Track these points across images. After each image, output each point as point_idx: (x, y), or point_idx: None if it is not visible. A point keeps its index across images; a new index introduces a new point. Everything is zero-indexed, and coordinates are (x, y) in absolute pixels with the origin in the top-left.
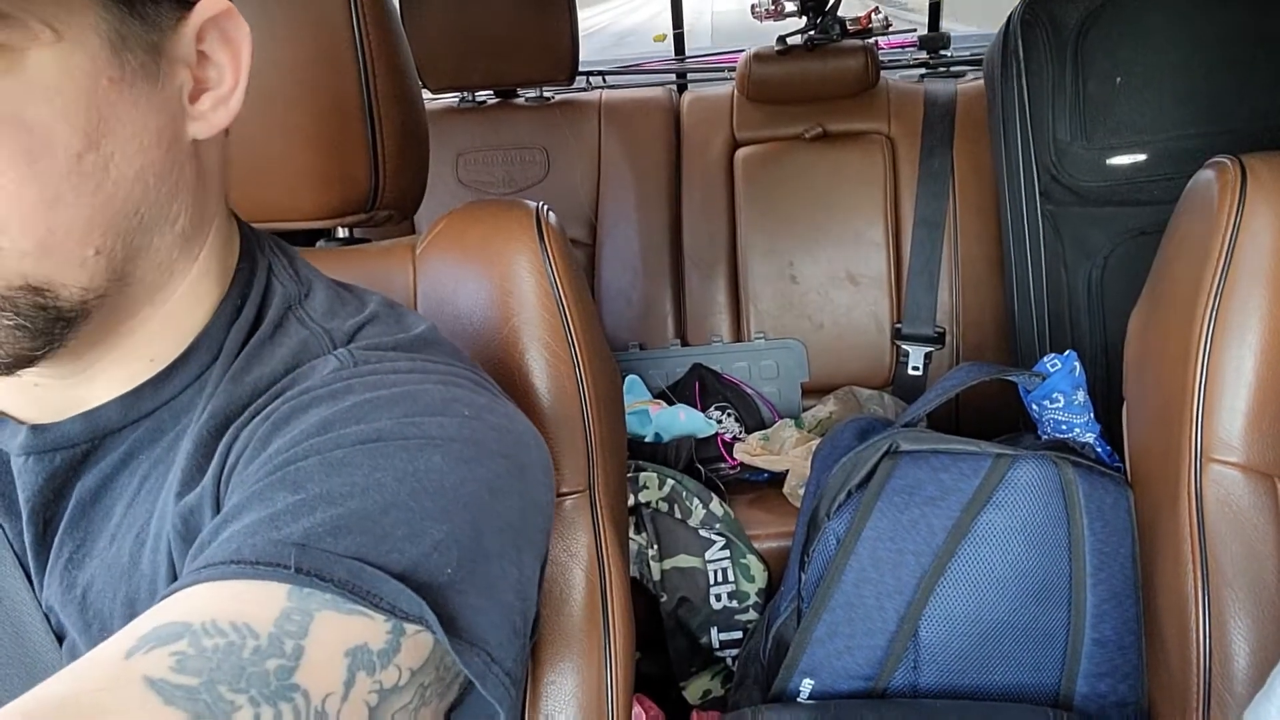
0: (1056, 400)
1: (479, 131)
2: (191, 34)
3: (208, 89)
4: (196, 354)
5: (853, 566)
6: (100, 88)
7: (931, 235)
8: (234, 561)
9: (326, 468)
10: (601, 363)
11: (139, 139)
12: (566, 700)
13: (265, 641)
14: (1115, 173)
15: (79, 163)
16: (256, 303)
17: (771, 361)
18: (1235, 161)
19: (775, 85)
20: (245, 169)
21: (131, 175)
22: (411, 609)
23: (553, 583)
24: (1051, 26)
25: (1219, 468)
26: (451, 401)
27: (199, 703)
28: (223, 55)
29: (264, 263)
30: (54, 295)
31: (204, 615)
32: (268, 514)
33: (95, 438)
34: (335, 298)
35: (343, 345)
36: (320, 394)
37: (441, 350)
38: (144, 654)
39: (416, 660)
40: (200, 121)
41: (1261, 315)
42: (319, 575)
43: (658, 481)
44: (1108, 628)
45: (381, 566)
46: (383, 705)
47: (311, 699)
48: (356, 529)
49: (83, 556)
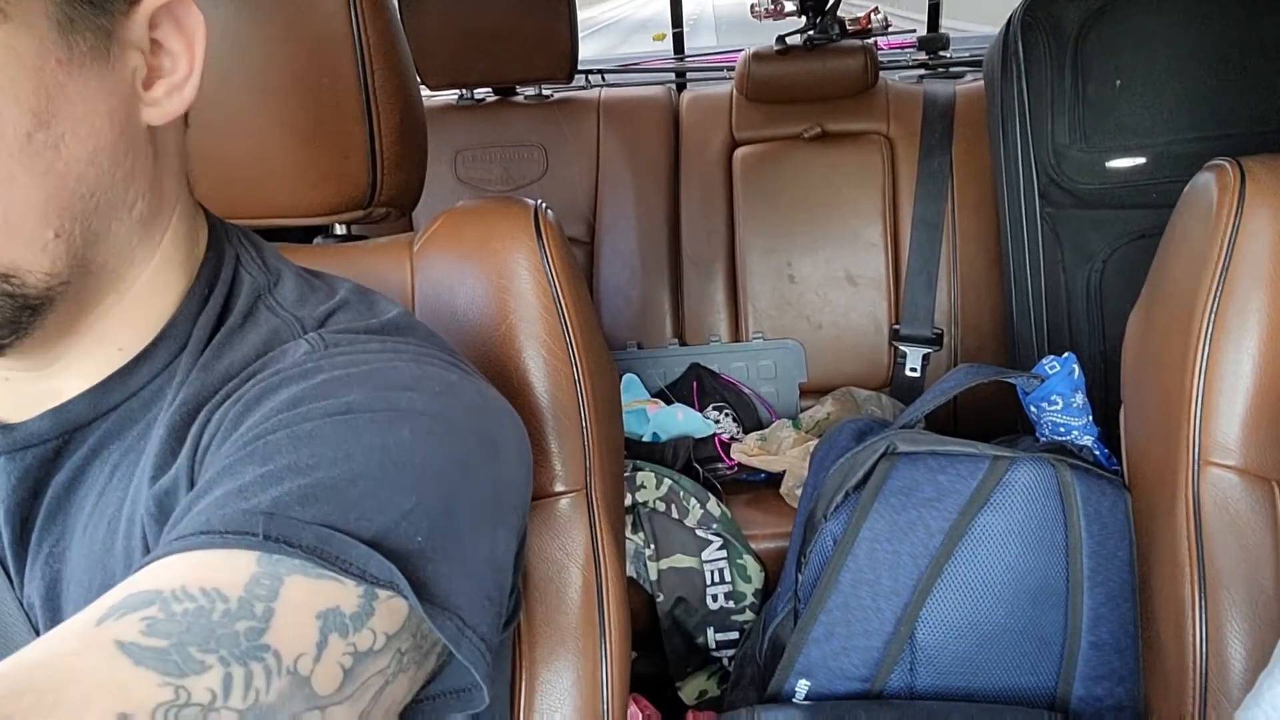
0: (1055, 402)
1: (477, 129)
2: (144, 20)
3: (161, 76)
4: (164, 343)
5: (850, 567)
6: (48, 68)
7: (930, 236)
8: (203, 532)
9: (295, 440)
10: (599, 361)
11: (89, 120)
12: (562, 699)
13: (235, 605)
14: (1114, 175)
15: (29, 142)
16: (224, 292)
17: (769, 362)
18: (1234, 164)
19: (774, 85)
20: (243, 166)
21: (84, 157)
22: (381, 573)
23: (549, 581)
24: (1051, 29)
25: (1216, 471)
26: (422, 378)
27: (169, 663)
28: (176, 42)
29: (231, 253)
30: (19, 282)
31: (174, 583)
32: (236, 486)
33: (65, 433)
34: (305, 285)
35: (313, 330)
36: (291, 374)
37: (415, 334)
38: (115, 620)
39: (392, 625)
40: (154, 108)
41: (1260, 318)
42: (287, 542)
43: (655, 481)
44: (1104, 630)
45: (350, 533)
46: (358, 668)
47: (283, 659)
48: (324, 498)
49: (61, 550)
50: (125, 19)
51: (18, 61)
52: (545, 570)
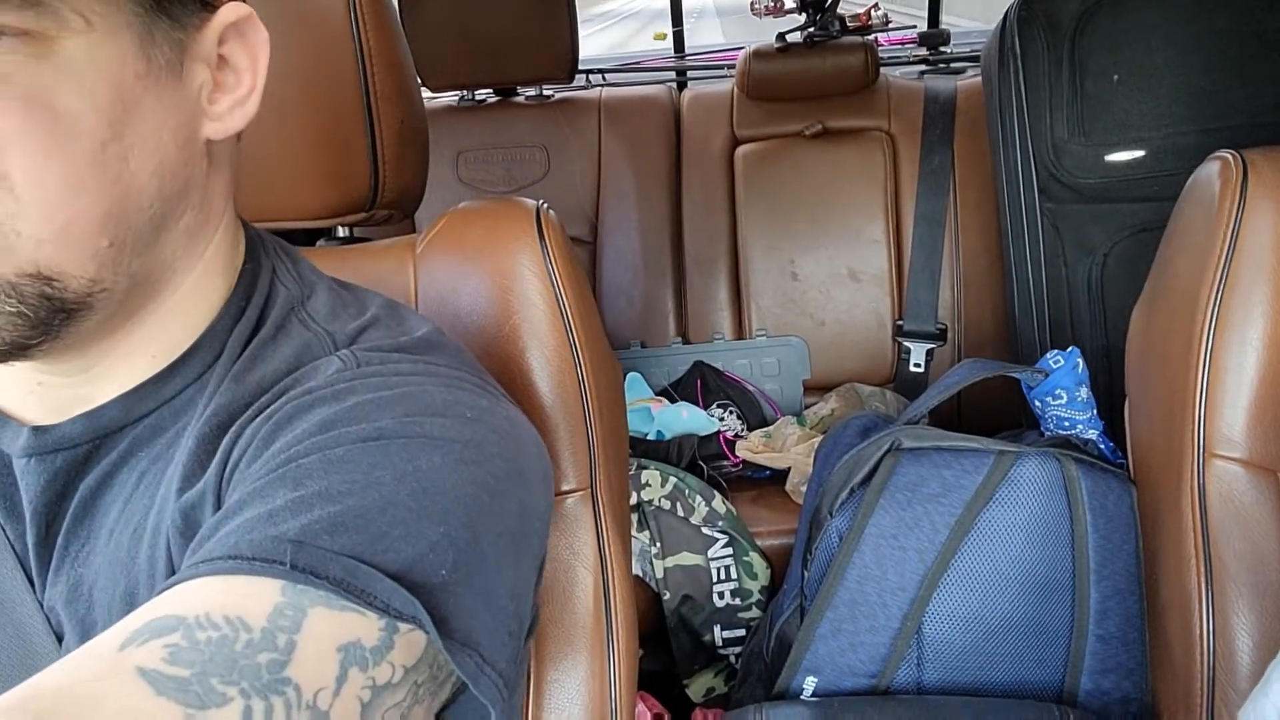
0: (1059, 397)
1: (479, 130)
2: (214, 36)
3: (225, 91)
4: (199, 353)
5: (855, 564)
6: (127, 80)
7: (932, 232)
8: (230, 557)
9: (326, 465)
10: (603, 361)
11: (158, 134)
12: (570, 698)
13: (258, 635)
14: (1114, 169)
15: (103, 152)
16: (260, 304)
17: (773, 359)
18: (1236, 156)
19: (775, 82)
20: (245, 169)
21: (150, 169)
22: (405, 608)
23: (555, 581)
24: (1048, 24)
25: (1221, 463)
26: (453, 404)
27: (190, 694)
28: (242, 59)
29: (268, 265)
30: (62, 286)
31: (198, 609)
32: (266, 510)
33: (96, 438)
34: (337, 300)
35: (345, 347)
36: (323, 394)
37: (445, 353)
38: (137, 646)
39: (410, 658)
40: (217, 123)
41: (1264, 310)
42: (314, 572)
43: (660, 479)
44: (1111, 624)
45: (377, 565)
46: (375, 701)
47: (303, 693)
48: (353, 527)
49: (87, 555)
50: (198, 34)
51: (99, 72)
52: (552, 569)
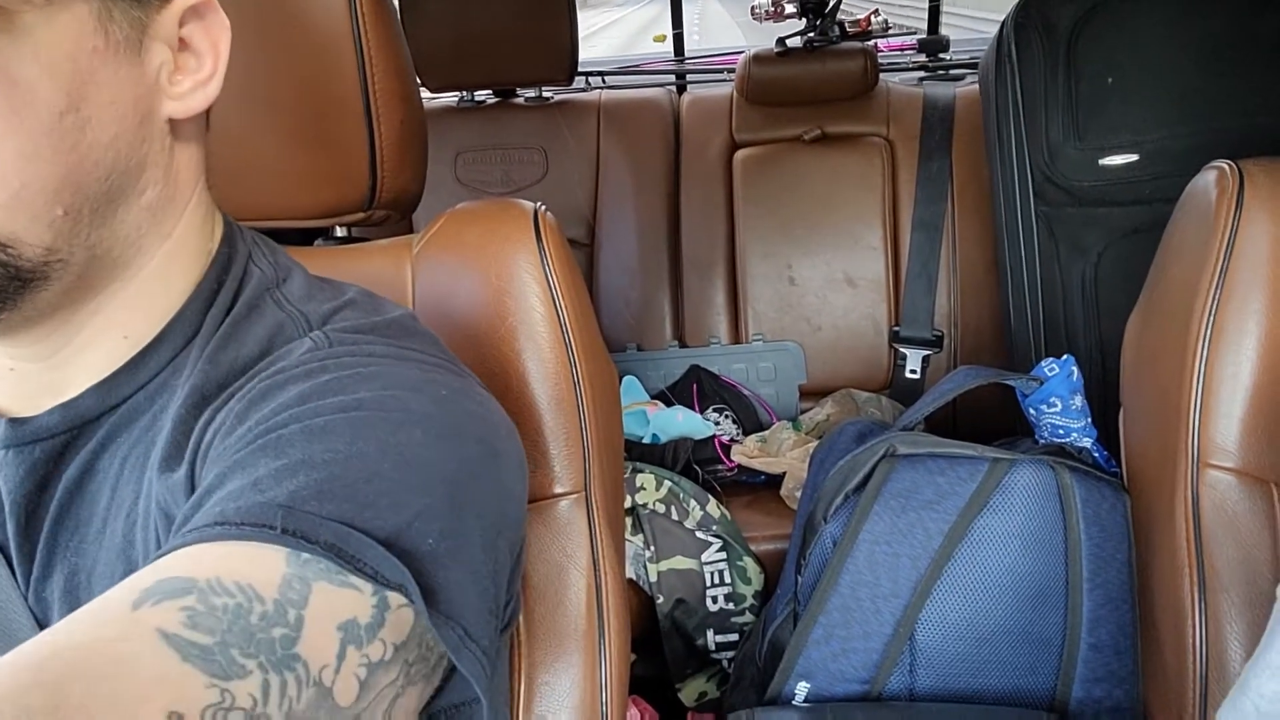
0: (1054, 405)
1: (478, 131)
2: (174, 18)
3: (187, 73)
4: (171, 335)
5: (849, 569)
6: (84, 53)
7: (930, 238)
8: (219, 523)
9: (308, 434)
10: (598, 363)
11: (115, 107)
12: (561, 701)
13: (271, 608)
14: (1108, 172)
15: (59, 121)
16: (234, 287)
17: (769, 363)
18: (1233, 167)
19: (774, 87)
20: (244, 168)
21: (105, 141)
22: (394, 576)
23: (548, 583)
24: (1044, 29)
25: (1215, 473)
26: (429, 382)
27: (214, 663)
28: (203, 42)
29: (244, 249)
30: (16, 253)
31: (208, 572)
32: (250, 479)
33: (74, 428)
34: (313, 284)
35: (318, 328)
36: (296, 373)
37: (418, 337)
38: (152, 606)
39: (399, 635)
40: (177, 102)
41: (1258, 321)
42: (305, 537)
43: (655, 483)
44: (1104, 632)
45: (366, 532)
46: (371, 679)
47: (310, 669)
48: (340, 494)
49: (79, 544)
50: (158, 15)
51: (57, 43)
52: (545, 572)
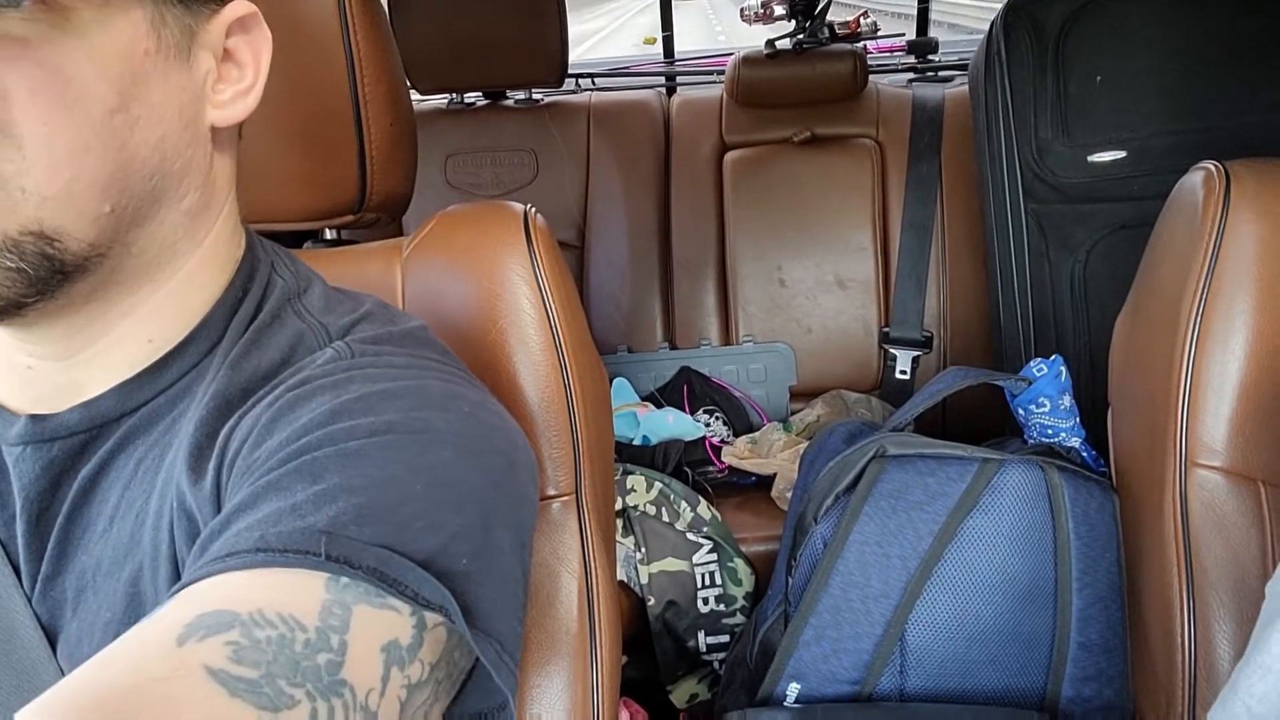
0: (1043, 405)
1: (468, 133)
2: (221, 28)
3: (229, 82)
4: (196, 341)
5: (840, 570)
6: (136, 54)
7: (919, 239)
8: (260, 549)
9: (342, 458)
10: (589, 365)
11: (163, 109)
12: (552, 703)
13: (314, 635)
14: (1097, 169)
15: (110, 119)
16: (258, 295)
17: (760, 365)
18: (1219, 168)
19: (764, 89)
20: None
21: (153, 142)
22: (435, 597)
23: (539, 586)
24: (1033, 29)
25: (1203, 472)
26: (452, 397)
27: (262, 696)
28: (246, 53)
29: (267, 259)
30: (62, 246)
31: (248, 604)
32: (289, 503)
33: (94, 427)
34: (332, 295)
35: (338, 339)
36: (323, 383)
37: (434, 348)
38: (197, 642)
39: (434, 655)
40: (220, 110)
41: (1245, 320)
42: (349, 563)
43: (645, 484)
44: (1093, 632)
45: (405, 555)
46: (410, 700)
47: (357, 695)
48: (378, 519)
49: (87, 542)
50: (207, 23)
51: (111, 43)
52: (536, 574)
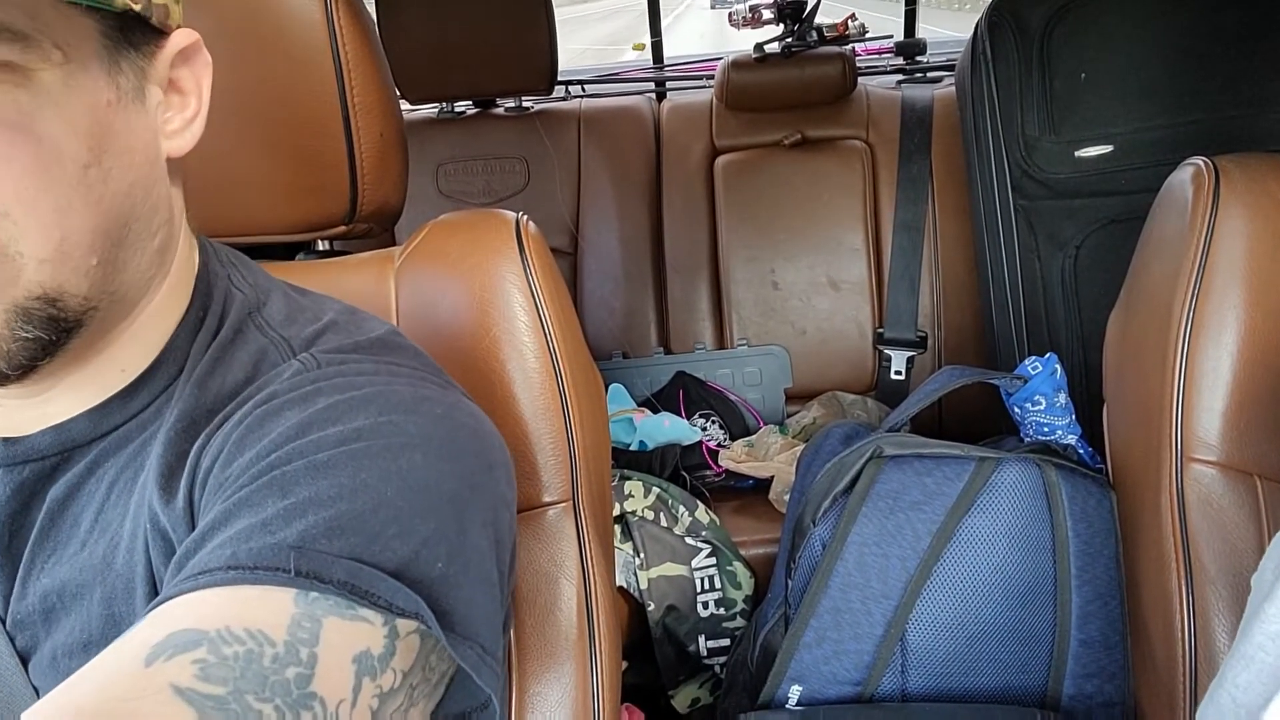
0: (1038, 403)
1: (458, 142)
2: (166, 61)
3: (175, 111)
4: (163, 366)
5: (839, 572)
6: (100, 107)
7: (911, 240)
8: (231, 567)
9: (312, 471)
10: (584, 372)
11: (130, 155)
12: (552, 711)
13: (282, 649)
14: (1084, 164)
15: (85, 174)
16: (218, 312)
17: (755, 368)
18: (1209, 164)
19: (754, 93)
20: (224, 183)
21: (125, 189)
22: (408, 605)
23: (538, 593)
24: (1017, 27)
25: (1199, 467)
26: (422, 400)
27: (229, 712)
28: (189, 82)
29: (222, 272)
30: (63, 305)
31: (216, 622)
32: (259, 519)
33: (64, 450)
34: (293, 305)
35: (303, 351)
36: (290, 398)
37: (404, 353)
38: (164, 661)
39: (407, 662)
40: (170, 141)
41: (1237, 315)
42: (319, 577)
43: (643, 490)
44: (1093, 628)
45: (377, 565)
46: (381, 708)
47: (328, 706)
48: (349, 530)
49: (54, 564)
50: (154, 59)
51: (77, 100)
52: (534, 582)
